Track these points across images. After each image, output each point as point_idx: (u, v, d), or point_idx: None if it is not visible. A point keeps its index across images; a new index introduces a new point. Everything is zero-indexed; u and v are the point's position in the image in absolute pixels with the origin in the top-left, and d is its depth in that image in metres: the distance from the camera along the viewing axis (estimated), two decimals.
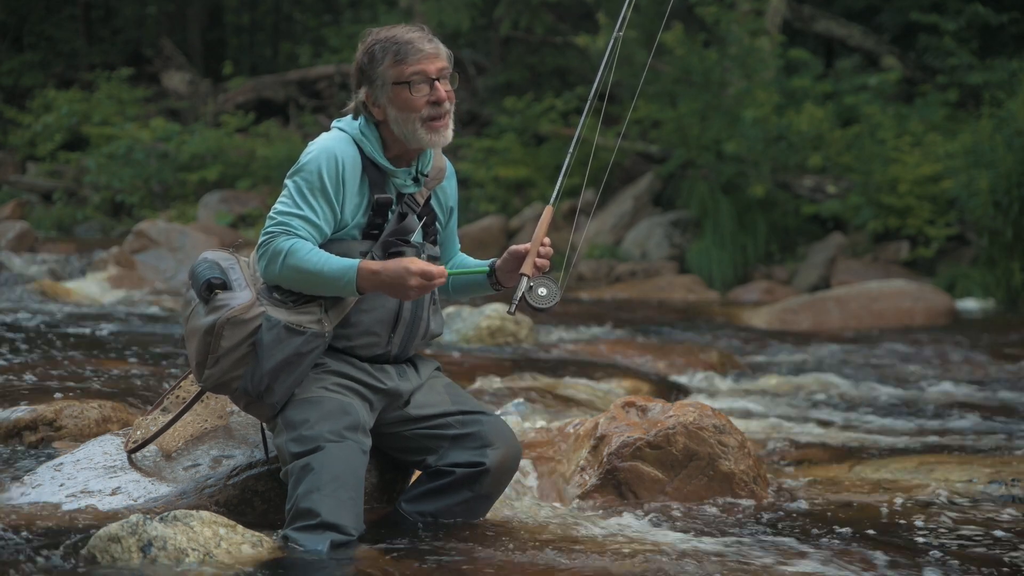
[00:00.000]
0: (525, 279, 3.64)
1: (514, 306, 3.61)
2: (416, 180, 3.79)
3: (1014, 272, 11.67)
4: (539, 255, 3.69)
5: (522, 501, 4.35)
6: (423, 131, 3.68)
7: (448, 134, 3.72)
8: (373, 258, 3.67)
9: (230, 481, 3.81)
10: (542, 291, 3.65)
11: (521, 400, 5.75)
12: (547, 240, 3.72)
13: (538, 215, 3.53)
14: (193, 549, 3.33)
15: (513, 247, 3.78)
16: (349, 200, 3.67)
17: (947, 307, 11.04)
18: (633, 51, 13.69)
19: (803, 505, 4.48)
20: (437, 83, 3.67)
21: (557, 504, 4.35)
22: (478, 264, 3.91)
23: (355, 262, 3.56)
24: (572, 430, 4.73)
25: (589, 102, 3.86)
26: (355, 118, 3.77)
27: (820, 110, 14.22)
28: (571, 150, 3.85)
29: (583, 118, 3.85)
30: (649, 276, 13.78)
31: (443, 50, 3.72)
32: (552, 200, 3.78)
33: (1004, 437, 5.96)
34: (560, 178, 3.81)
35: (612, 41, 3.89)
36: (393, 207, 3.73)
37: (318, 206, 3.62)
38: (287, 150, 17.36)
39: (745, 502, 4.35)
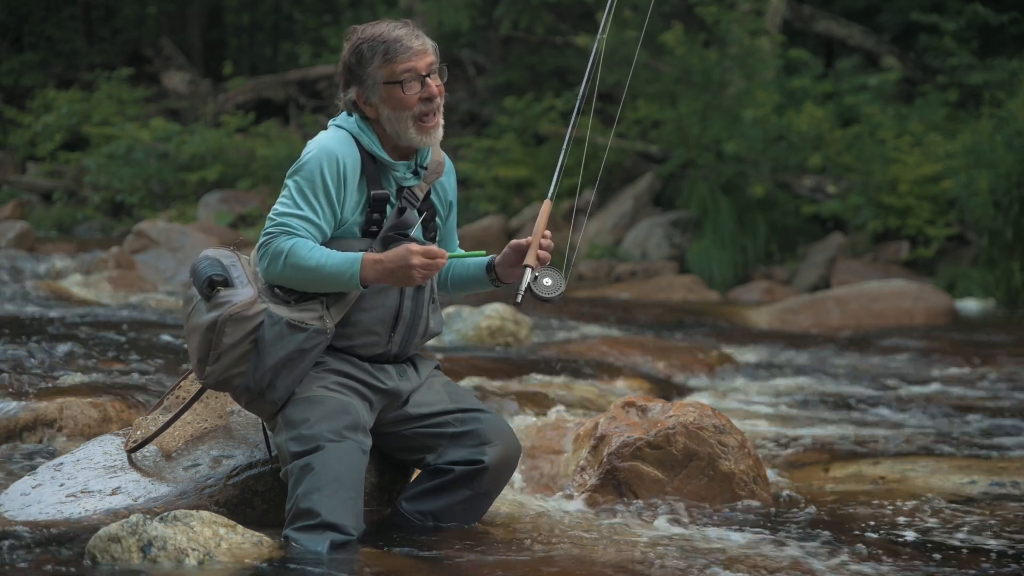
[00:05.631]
0: (529, 270, 3.65)
1: (520, 295, 3.63)
2: (416, 173, 3.80)
3: (1014, 272, 11.67)
4: (540, 247, 3.70)
5: (522, 500, 4.35)
6: (414, 131, 3.69)
7: (439, 133, 3.74)
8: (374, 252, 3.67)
9: (230, 481, 3.81)
10: (547, 281, 3.65)
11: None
12: (548, 233, 3.73)
13: (537, 215, 3.57)
14: (193, 549, 3.33)
15: (514, 241, 3.78)
16: (349, 198, 3.67)
17: (947, 307, 11.04)
18: (633, 52, 13.68)
19: (803, 505, 4.48)
20: (428, 79, 3.68)
21: (557, 504, 4.35)
22: (477, 252, 3.88)
23: (359, 253, 3.57)
24: (572, 430, 4.73)
25: (579, 102, 3.88)
26: (349, 115, 3.78)
27: (820, 110, 14.22)
28: (565, 147, 3.85)
29: (574, 118, 3.86)
30: (649, 276, 13.77)
31: (430, 44, 3.72)
32: (550, 194, 3.79)
33: (1004, 437, 5.96)
34: (556, 174, 3.81)
35: (596, 44, 3.91)
36: (392, 201, 3.74)
37: (318, 206, 3.62)
38: (287, 150, 17.34)
39: (745, 502, 4.35)
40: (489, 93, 19.04)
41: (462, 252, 3.85)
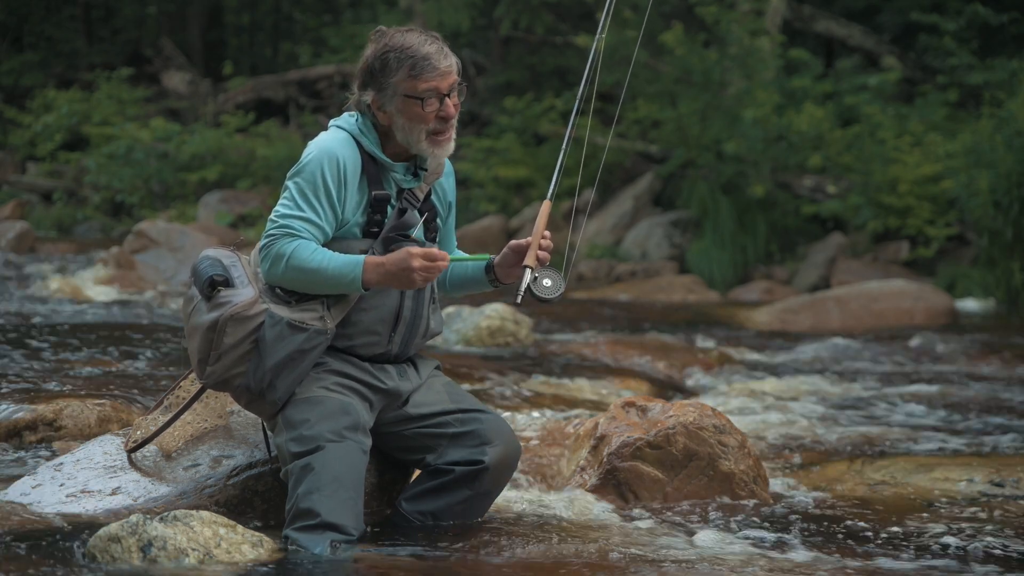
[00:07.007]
0: (529, 271, 3.66)
1: (520, 296, 3.64)
2: (415, 175, 3.80)
3: (1014, 272, 11.66)
4: (540, 248, 3.70)
5: (521, 500, 4.35)
6: (426, 144, 3.72)
7: (450, 147, 3.77)
8: (375, 254, 3.67)
9: (230, 481, 3.81)
10: (547, 282, 3.67)
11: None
12: (547, 233, 3.74)
13: (537, 215, 3.59)
14: (193, 549, 3.33)
15: (513, 242, 3.79)
16: (350, 199, 3.68)
17: (947, 307, 11.04)
18: (633, 52, 13.69)
19: (803, 505, 4.48)
20: (447, 99, 3.70)
21: (557, 504, 4.35)
22: (480, 256, 3.91)
23: (360, 257, 3.58)
24: (572, 430, 4.73)
25: (578, 102, 3.88)
26: (352, 116, 3.78)
27: (820, 110, 14.22)
28: (564, 147, 3.86)
29: (572, 118, 3.87)
30: (649, 276, 13.76)
31: (455, 64, 3.75)
32: (549, 195, 3.80)
33: (1004, 437, 5.96)
34: (556, 174, 3.82)
35: (595, 42, 3.92)
36: (392, 202, 3.74)
37: (320, 207, 3.63)
38: (287, 150, 17.35)
39: (745, 502, 4.35)
40: (489, 93, 19.04)
41: (464, 255, 3.86)
